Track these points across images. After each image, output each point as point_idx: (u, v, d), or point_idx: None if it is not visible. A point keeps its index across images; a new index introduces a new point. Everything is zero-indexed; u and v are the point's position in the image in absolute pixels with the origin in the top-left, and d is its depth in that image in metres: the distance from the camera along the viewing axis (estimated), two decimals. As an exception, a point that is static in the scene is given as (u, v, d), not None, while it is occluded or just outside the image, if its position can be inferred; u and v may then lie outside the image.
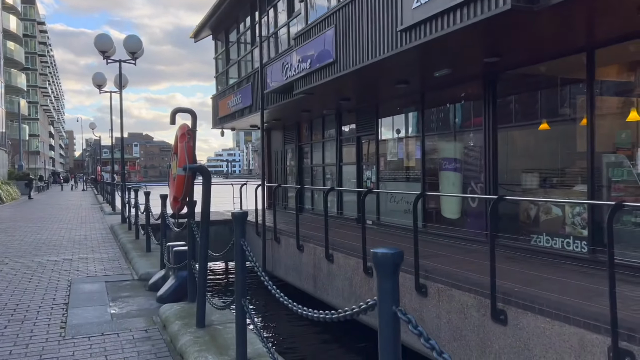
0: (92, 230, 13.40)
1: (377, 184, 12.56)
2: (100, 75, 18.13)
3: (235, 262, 3.66)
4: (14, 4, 63.26)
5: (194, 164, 4.07)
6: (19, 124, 45.16)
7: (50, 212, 20.34)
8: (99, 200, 28.06)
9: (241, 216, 3.67)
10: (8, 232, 13.27)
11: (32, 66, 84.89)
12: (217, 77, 19.52)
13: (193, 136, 4.12)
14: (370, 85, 10.40)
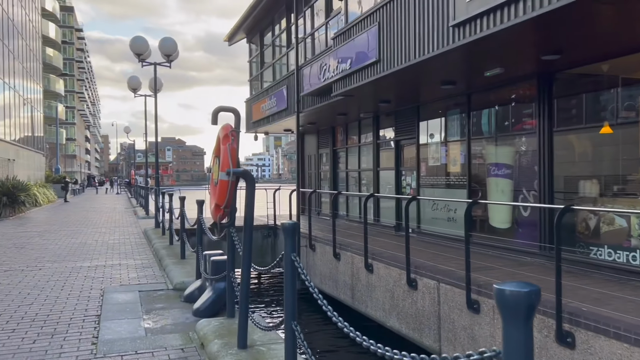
0: (125, 235, 13.24)
1: (418, 190, 12.01)
2: (135, 79, 18.11)
3: (285, 280, 3.24)
4: (54, 11, 64.94)
5: (238, 167, 3.66)
6: (57, 128, 46.14)
7: (85, 215, 20.43)
8: (133, 204, 28.22)
9: (292, 228, 3.25)
10: (44, 235, 13.22)
11: (69, 72, 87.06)
12: (251, 80, 19.30)
13: (237, 137, 3.73)
14: (414, 86, 9.90)
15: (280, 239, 15.72)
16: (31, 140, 36.15)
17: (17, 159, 30.01)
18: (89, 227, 15.55)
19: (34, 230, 14.39)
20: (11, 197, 19.65)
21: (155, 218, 14.35)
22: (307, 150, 19.22)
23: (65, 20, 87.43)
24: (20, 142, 31.53)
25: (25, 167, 32.80)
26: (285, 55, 15.49)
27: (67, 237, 12.67)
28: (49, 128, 54.41)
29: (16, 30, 31.70)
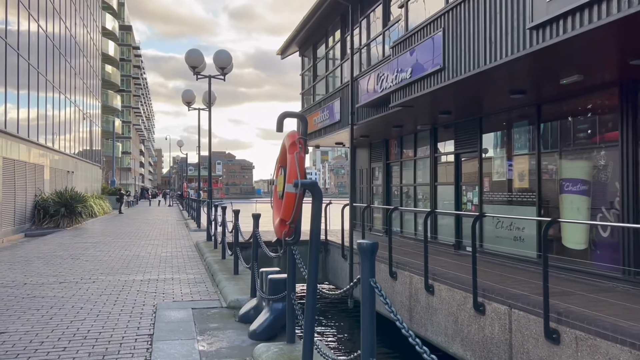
0: (177, 248, 13.17)
1: (480, 206, 11.34)
2: (189, 92, 18.30)
3: (362, 309, 2.81)
4: (113, 30, 67.75)
5: (305, 179, 3.28)
6: (113, 142, 47.72)
7: (138, 227, 20.69)
8: (185, 216, 28.55)
9: (371, 249, 2.82)
10: (98, 246, 13.32)
11: (126, 88, 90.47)
12: (303, 93, 19.12)
13: (304, 145, 3.36)
14: (479, 96, 9.33)
15: (331, 255, 15.30)
16: (89, 154, 37.41)
17: (76, 171, 31.04)
18: (142, 239, 15.63)
19: (89, 242, 14.57)
20: (69, 208, 20.14)
21: (207, 231, 14.24)
22: (359, 164, 18.79)
23: (123, 39, 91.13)
24: (79, 155, 32.63)
25: (83, 179, 33.89)
26: (338, 67, 15.20)
27: (121, 249, 12.70)
28: (106, 142, 56.42)
29: (79, 49, 33.04)
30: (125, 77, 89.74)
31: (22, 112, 18.98)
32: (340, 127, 14.39)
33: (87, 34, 36.79)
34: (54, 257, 11.04)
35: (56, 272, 9.02)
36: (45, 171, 23.10)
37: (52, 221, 20.03)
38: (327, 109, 15.35)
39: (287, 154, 3.38)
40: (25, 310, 6.06)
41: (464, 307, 7.99)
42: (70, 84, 29.66)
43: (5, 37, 16.98)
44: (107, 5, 66.14)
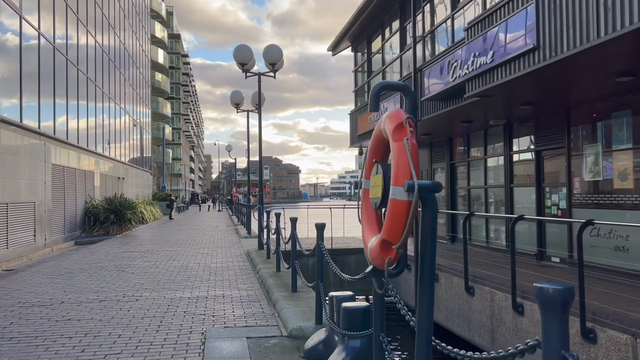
0: (228, 257, 12.29)
1: (569, 211, 9.85)
2: (237, 94, 17.52)
3: None
4: (162, 38, 68.84)
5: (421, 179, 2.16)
6: (163, 148, 48.08)
7: (188, 234, 20.09)
8: (234, 222, 27.94)
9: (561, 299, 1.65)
10: (145, 256, 12.62)
11: (176, 95, 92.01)
12: (357, 91, 17.99)
13: (415, 129, 2.23)
14: (577, 80, 7.91)
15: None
16: (140, 160, 37.60)
17: (127, 178, 31.05)
18: (191, 247, 14.89)
19: (136, 250, 13.93)
20: (118, 215, 19.76)
21: (258, 239, 13.33)
22: (418, 165, 17.48)
23: (172, 47, 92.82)
24: (129, 162, 32.71)
25: (134, 185, 33.95)
26: (398, 59, 13.97)
27: (169, 259, 11.93)
28: (157, 148, 57.12)
29: (130, 59, 33.24)
30: (174, 85, 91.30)
31: (73, 119, 18.76)
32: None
33: (138, 44, 37.07)
34: (99, 269, 10.34)
35: (98, 287, 8.23)
36: (96, 177, 22.93)
37: (102, 228, 19.70)
38: (384, 105, 14.14)
39: (391, 142, 2.26)
40: (56, 339, 5.20)
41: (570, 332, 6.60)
42: (122, 93, 29.72)
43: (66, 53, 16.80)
44: (156, 14, 67.29)
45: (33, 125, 14.25)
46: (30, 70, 14.54)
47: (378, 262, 2.36)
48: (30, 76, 14.51)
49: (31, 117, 14.30)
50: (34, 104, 14.77)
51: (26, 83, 14.01)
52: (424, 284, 2.44)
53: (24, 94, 13.77)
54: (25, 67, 14.01)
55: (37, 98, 14.92)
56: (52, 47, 16.27)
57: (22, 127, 13.36)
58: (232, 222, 28.85)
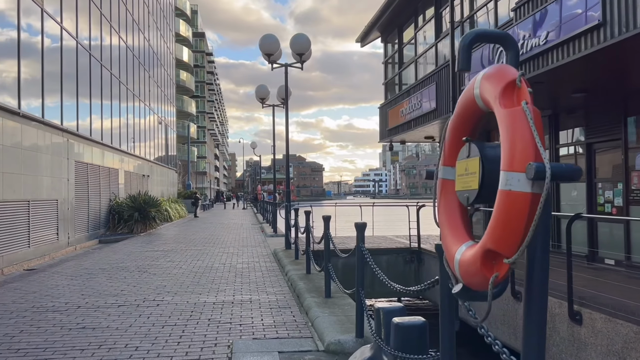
0: (254, 257, 11.72)
1: (626, 208, 8.99)
2: (263, 88, 16.95)
3: None
4: (187, 36, 68.97)
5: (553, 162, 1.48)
6: (188, 146, 48.00)
7: (213, 232, 19.65)
8: (259, 220, 27.48)
9: None
10: (169, 255, 12.14)
11: (201, 94, 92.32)
12: (387, 83, 17.24)
13: (531, 93, 1.57)
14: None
15: (425, 266, 13.32)
16: (165, 158, 37.48)
17: (152, 175, 30.87)
18: (216, 245, 14.39)
19: (160, 250, 13.47)
20: (142, 213, 19.43)
21: (285, 237, 12.73)
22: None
23: (197, 46, 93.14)
24: (154, 160, 32.55)
25: (159, 183, 33.80)
26: (433, 47, 13.19)
27: (193, 259, 11.42)
28: (182, 146, 57.19)
29: (156, 58, 33.12)
30: (199, 83, 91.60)
31: (97, 117, 18.48)
32: (436, 117, 12.40)
33: (163, 42, 36.96)
34: (120, 270, 9.88)
35: (118, 290, 7.73)
36: (120, 175, 22.68)
37: (126, 226, 19.39)
38: (418, 97, 13.40)
39: (498, 110, 1.59)
40: (67, 351, 4.66)
41: (637, 346, 5.86)
42: (147, 91, 29.54)
43: (89, 48, 16.48)
44: (180, 12, 67.44)
45: (55, 122, 13.93)
46: (53, 69, 14.23)
47: (475, 280, 1.69)
48: (53, 75, 14.20)
49: (53, 115, 13.97)
50: (57, 101, 14.45)
51: (49, 81, 13.69)
52: (532, 311, 1.75)
53: (46, 92, 13.45)
54: (48, 66, 13.69)
55: (59, 95, 14.60)
56: (75, 44, 15.95)
57: (44, 122, 13.03)
58: (257, 220, 28.40)
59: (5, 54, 11.66)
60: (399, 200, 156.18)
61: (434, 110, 12.33)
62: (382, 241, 15.45)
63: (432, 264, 12.75)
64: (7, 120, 11.02)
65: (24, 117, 11.78)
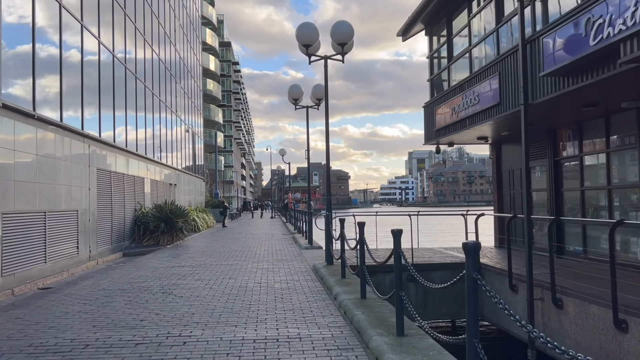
0: (292, 274, 10.32)
1: None
2: (296, 88, 15.64)
3: None
4: (213, 45, 68.59)
5: None
6: (215, 154, 47.11)
7: (243, 243, 18.36)
8: (290, 230, 26.13)
9: None
10: (197, 272, 10.83)
11: (227, 103, 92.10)
12: (433, 79, 15.71)
13: None
14: None
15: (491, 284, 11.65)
16: (192, 167, 36.60)
17: (179, 184, 29.88)
18: (248, 259, 13.06)
19: (187, 265, 12.18)
20: (169, 224, 18.27)
21: (326, 251, 11.30)
22: (506, 164, 14.99)
23: (223, 55, 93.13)
24: (182, 168, 31.61)
25: (187, 192, 32.81)
26: (492, 34, 11.63)
27: (224, 276, 10.07)
28: (209, 155, 56.44)
29: (186, 69, 32.41)
30: (225, 92, 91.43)
31: (122, 124, 17.48)
32: (497, 113, 10.83)
33: (191, 51, 36.25)
34: (142, 291, 8.58)
35: (137, 319, 6.39)
36: (146, 184, 21.63)
37: (152, 238, 18.24)
38: (475, 91, 11.85)
39: None
40: None
41: None
42: (175, 99, 28.66)
43: (113, 50, 15.55)
44: (207, 20, 67.16)
45: (75, 127, 12.85)
46: (73, 72, 13.20)
47: None
48: (72, 82, 13.17)
49: (74, 121, 12.92)
50: (77, 106, 13.40)
51: (72, 89, 12.67)
52: None
53: (67, 99, 12.40)
54: (67, 71, 12.66)
55: (79, 101, 13.55)
56: (97, 48, 14.95)
57: (63, 127, 11.93)
58: (288, 229, 27.05)
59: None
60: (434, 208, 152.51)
61: (496, 105, 10.76)
62: (430, 254, 13.88)
63: (495, 281, 11.14)
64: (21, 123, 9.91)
65: (38, 119, 10.68)
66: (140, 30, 20.56)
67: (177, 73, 29.39)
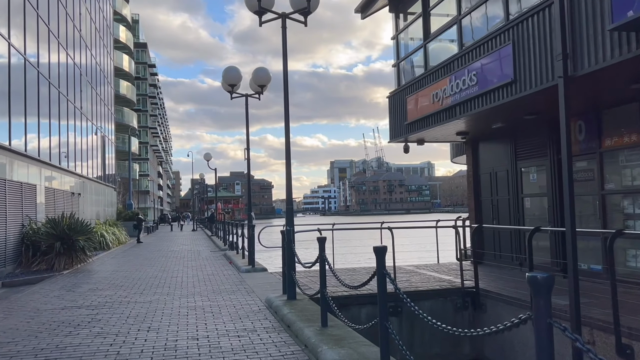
0: (241, 318, 7.18)
1: None
2: (233, 71, 12.50)
3: None
4: (127, 42, 63.09)
5: None
6: (129, 160, 42.26)
7: (164, 266, 14.80)
8: (218, 245, 22.62)
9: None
10: (98, 318, 7.37)
11: (143, 107, 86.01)
12: (399, 64, 13.14)
13: None
14: None
15: (488, 313, 9.14)
16: (102, 175, 31.96)
17: (84, 194, 25.41)
18: (173, 291, 9.71)
19: (86, 304, 8.61)
20: (67, 243, 14.33)
21: (286, 281, 8.25)
22: (486, 165, 12.73)
23: (139, 57, 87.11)
24: (88, 176, 27.10)
25: (94, 203, 28.26)
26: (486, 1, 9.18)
27: (141, 326, 6.74)
28: (122, 163, 51.04)
29: (84, 44, 27.91)
30: (141, 96, 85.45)
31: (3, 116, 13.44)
32: (511, 93, 8.36)
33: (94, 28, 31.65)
34: (-4, 367, 5.11)
35: None
36: (39, 193, 17.41)
37: (45, 261, 14.24)
38: (471, 70, 9.36)
39: None
40: None
41: None
42: (76, 86, 24.28)
43: None
44: (120, 17, 61.75)
45: None
46: None
47: None
48: None
49: None
50: None
51: None
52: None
53: None
54: None
55: None
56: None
57: None
58: (216, 245, 23.53)
59: None
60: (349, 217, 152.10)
61: (508, 83, 8.28)
62: (408, 276, 11.21)
63: (501, 310, 8.64)
64: None
65: None
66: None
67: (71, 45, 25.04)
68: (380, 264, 4.12)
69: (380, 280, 4.13)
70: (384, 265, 4.15)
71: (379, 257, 4.12)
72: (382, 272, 4.08)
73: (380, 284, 4.13)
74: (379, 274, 4.11)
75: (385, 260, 4.23)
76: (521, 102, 8.33)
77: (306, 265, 7.44)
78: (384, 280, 4.12)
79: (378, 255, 4.12)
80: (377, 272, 4.12)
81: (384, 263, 4.17)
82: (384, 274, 4.10)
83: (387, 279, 4.14)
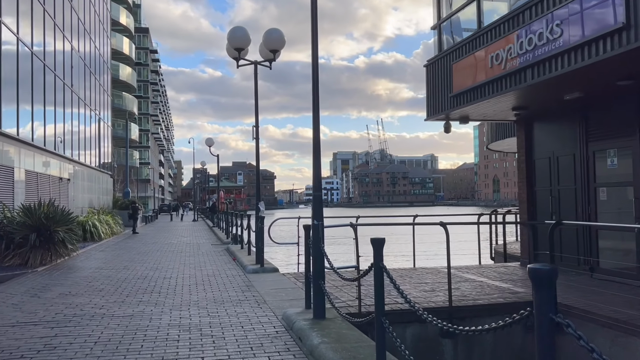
0: (252, 345, 5.13)
1: None
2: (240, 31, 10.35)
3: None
4: (127, 25, 60.79)
5: None
6: (127, 146, 40.14)
7: (157, 262, 12.76)
8: (221, 238, 20.57)
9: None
10: (51, 346, 5.30)
11: (144, 94, 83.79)
12: (440, 24, 10.94)
13: None
14: None
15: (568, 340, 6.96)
16: (97, 161, 29.91)
17: (75, 180, 23.36)
18: (164, 300, 7.64)
19: (45, 319, 6.52)
20: (43, 234, 12.28)
21: (307, 288, 6.19)
22: (543, 149, 10.61)
23: (140, 42, 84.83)
24: (80, 160, 25.06)
25: (87, 190, 26.23)
26: None
27: (120, 353, 4.68)
28: (121, 150, 48.89)
29: (82, 27, 25.75)
30: (142, 82, 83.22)
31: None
32: (621, 43, 6.22)
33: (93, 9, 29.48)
34: None
35: None
36: (18, 175, 15.36)
37: (19, 255, 12.20)
38: (554, 18, 7.21)
39: None
40: None
41: None
42: (67, 65, 22.15)
43: None
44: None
45: None
46: None
47: None
48: None
49: None
50: None
51: None
52: None
53: None
54: None
55: None
56: None
57: None
58: (218, 237, 21.49)
59: None
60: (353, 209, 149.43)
61: (617, 30, 6.15)
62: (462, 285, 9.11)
63: (593, 334, 6.57)
64: None
65: None
66: None
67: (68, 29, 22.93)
68: (378, 257, 4.05)
69: (377, 274, 4.04)
70: (382, 258, 4.06)
71: (377, 250, 4.05)
72: (378, 266, 4.03)
73: (377, 278, 4.04)
74: (375, 268, 4.06)
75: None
76: (633, 55, 6.20)
77: (345, 277, 5.38)
78: (380, 274, 4.01)
79: (375, 247, 4.06)
80: (374, 266, 4.07)
81: (382, 256, 4.06)
82: (380, 267, 4.01)
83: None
